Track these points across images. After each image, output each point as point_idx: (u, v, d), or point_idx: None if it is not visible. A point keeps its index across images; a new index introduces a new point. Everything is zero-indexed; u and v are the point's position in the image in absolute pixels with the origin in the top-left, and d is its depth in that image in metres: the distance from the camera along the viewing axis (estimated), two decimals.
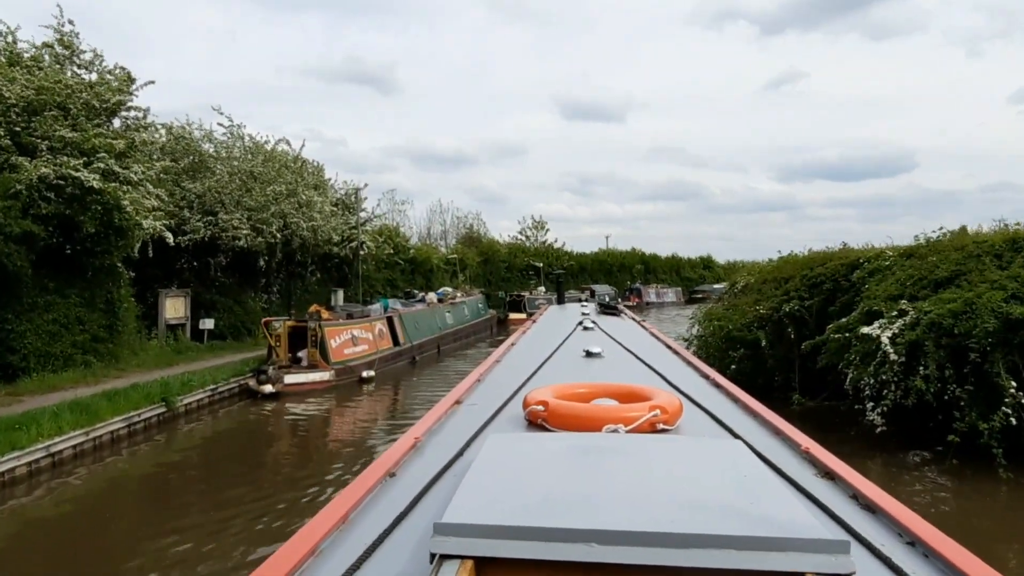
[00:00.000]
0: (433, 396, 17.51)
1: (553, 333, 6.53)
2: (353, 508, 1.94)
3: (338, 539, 1.77)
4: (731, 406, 3.40)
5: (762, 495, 1.64)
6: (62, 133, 14.57)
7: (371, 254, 32.31)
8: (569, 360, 4.82)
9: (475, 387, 4.01)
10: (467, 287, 39.13)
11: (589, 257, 61.41)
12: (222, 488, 10.34)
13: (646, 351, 5.14)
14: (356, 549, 1.67)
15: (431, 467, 2.26)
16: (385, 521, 1.83)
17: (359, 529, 1.83)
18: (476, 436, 2.63)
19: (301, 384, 16.96)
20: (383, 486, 2.16)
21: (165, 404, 13.72)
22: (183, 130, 23.84)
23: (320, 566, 1.64)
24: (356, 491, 2.04)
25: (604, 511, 1.52)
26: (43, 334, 15.49)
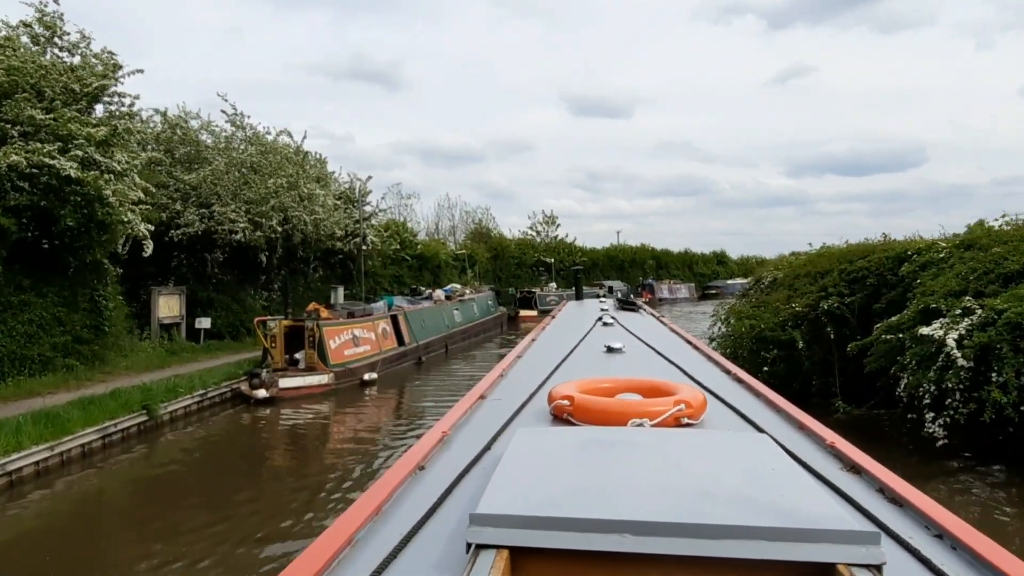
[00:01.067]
0: (440, 401, 16.33)
1: (573, 329, 6.53)
2: (385, 500, 2.00)
3: (372, 530, 1.83)
4: (754, 401, 3.41)
5: (790, 488, 1.66)
6: (33, 113, 13.40)
7: (376, 249, 31.15)
8: (590, 355, 4.85)
9: (498, 382, 4.03)
10: (476, 284, 37.94)
11: (600, 253, 60.12)
12: (205, 507, 9.19)
13: (667, 346, 5.19)
14: (391, 539, 1.72)
15: (459, 460, 2.31)
16: (418, 512, 1.88)
17: (392, 520, 1.88)
18: (503, 430, 2.66)
19: (297, 388, 15.80)
20: (413, 479, 2.21)
21: (146, 412, 12.58)
22: (179, 119, 22.69)
23: (356, 556, 1.68)
24: (387, 484, 2.10)
25: (635, 502, 1.56)
26: (18, 336, 14.38)
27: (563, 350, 4.89)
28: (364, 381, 17.41)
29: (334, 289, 20.41)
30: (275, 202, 22.20)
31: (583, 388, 2.88)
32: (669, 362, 4.36)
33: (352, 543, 1.73)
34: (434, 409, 15.57)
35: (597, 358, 4.75)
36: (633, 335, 5.89)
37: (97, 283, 16.98)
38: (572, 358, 4.66)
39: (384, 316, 20.40)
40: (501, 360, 5.00)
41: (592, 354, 4.92)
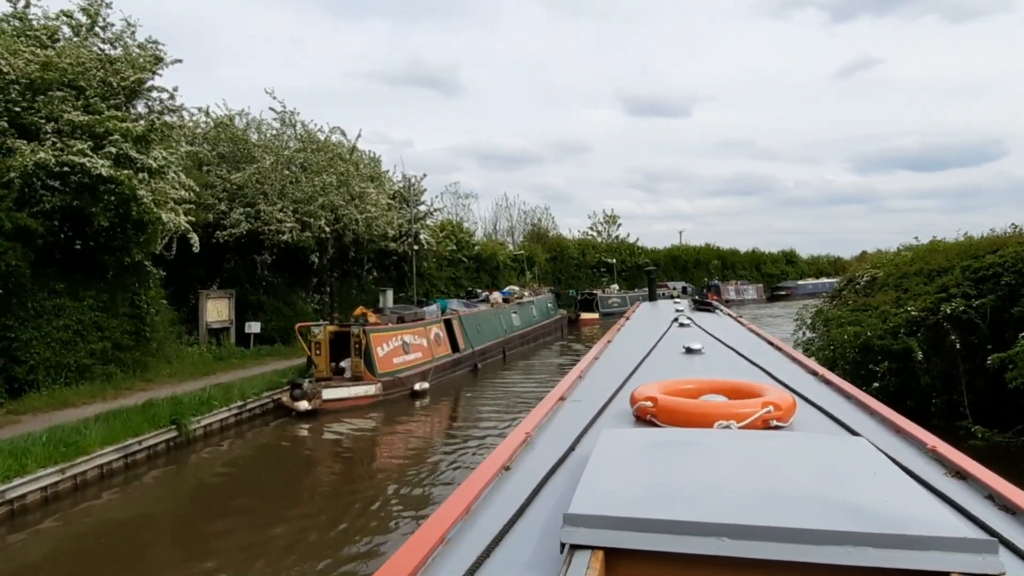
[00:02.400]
0: (499, 414, 14.90)
1: (648, 330, 6.55)
2: (474, 500, 2.02)
3: (463, 529, 1.85)
4: (845, 403, 3.32)
5: (894, 493, 1.61)
6: (70, 116, 12.56)
7: (431, 250, 30.01)
8: (669, 357, 4.81)
9: (577, 383, 4.06)
10: (535, 285, 36.43)
11: (663, 253, 57.84)
12: (233, 539, 8.00)
13: (748, 347, 5.11)
14: (483, 538, 1.74)
15: (544, 461, 2.34)
16: (506, 512, 1.90)
17: (482, 519, 1.91)
18: (586, 431, 2.68)
19: (342, 400, 14.61)
20: (499, 479, 2.24)
21: (176, 428, 11.54)
22: (224, 118, 21.96)
23: (449, 554, 1.71)
24: (475, 484, 2.13)
25: (732, 506, 1.52)
26: (53, 342, 13.61)
27: (640, 351, 4.87)
28: (415, 391, 16.12)
29: (383, 292, 19.23)
30: (323, 200, 21.20)
31: (666, 389, 2.85)
32: (751, 363, 4.27)
33: (445, 541, 1.77)
34: (492, 423, 14.17)
35: (676, 359, 4.70)
36: (712, 336, 5.77)
37: (138, 286, 16.21)
38: (650, 359, 4.65)
39: (437, 321, 19.10)
40: (578, 362, 4.98)
41: (671, 355, 4.86)
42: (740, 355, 4.65)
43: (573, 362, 21.03)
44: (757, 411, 2.47)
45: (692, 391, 2.91)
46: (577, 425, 2.76)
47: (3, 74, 12.46)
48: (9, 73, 12.52)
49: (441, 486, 10.44)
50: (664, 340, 5.63)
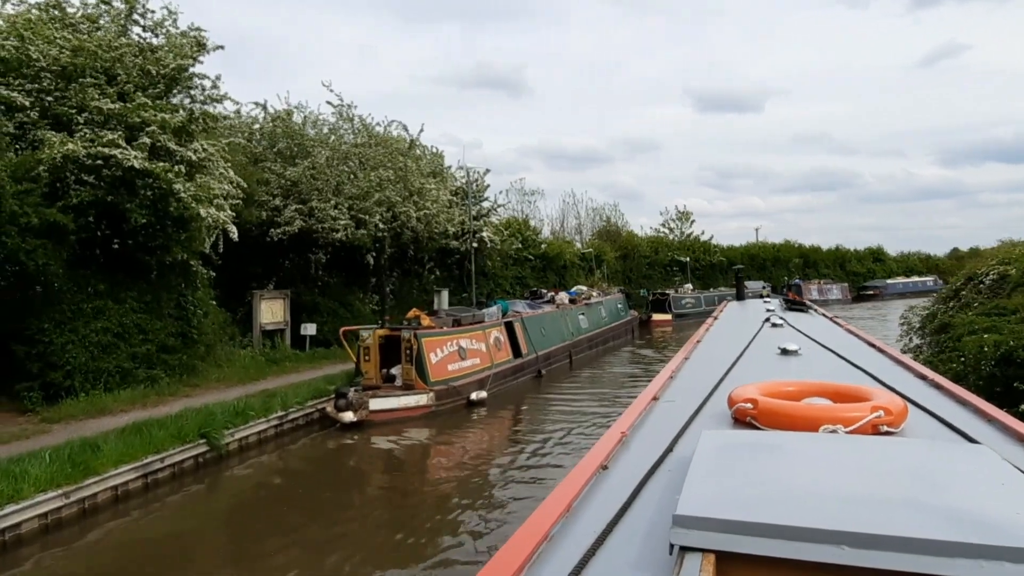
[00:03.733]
0: (566, 426, 13.39)
1: (738, 330, 6.40)
2: (575, 498, 2.05)
3: (566, 526, 1.88)
4: (960, 409, 3.17)
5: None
6: (99, 104, 11.77)
7: (496, 249, 28.73)
8: (763, 358, 4.72)
9: (669, 383, 4.02)
10: (604, 285, 34.66)
11: (739, 251, 54.89)
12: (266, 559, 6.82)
13: (848, 349, 4.97)
14: (586, 537, 1.76)
15: (641, 460, 2.35)
16: (607, 511, 1.91)
17: (583, 518, 1.93)
18: (683, 432, 2.67)
19: (390, 411, 13.38)
20: (598, 478, 2.27)
21: (206, 442, 10.53)
22: (280, 113, 21.20)
23: (553, 550, 1.74)
24: (575, 483, 2.16)
25: (853, 513, 1.48)
26: (91, 346, 12.90)
27: (732, 352, 4.81)
28: (471, 401, 14.77)
29: (437, 293, 17.96)
30: (379, 196, 20.15)
31: (766, 391, 2.78)
32: (854, 366, 4.12)
33: (548, 538, 1.80)
34: (558, 438, 12.70)
35: (771, 360, 4.59)
36: (807, 337, 5.65)
37: (185, 286, 15.45)
38: (744, 360, 4.57)
39: (497, 323, 17.72)
40: (669, 362, 4.94)
41: (765, 356, 4.78)
42: (840, 357, 4.50)
43: (645, 372, 19.18)
44: (866, 415, 2.40)
45: (793, 393, 2.83)
46: (673, 425, 2.77)
47: (33, 61, 11.76)
48: (39, 60, 11.82)
49: (499, 510, 9.13)
50: (757, 341, 5.50)
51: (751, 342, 5.40)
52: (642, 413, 3.15)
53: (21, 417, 12.16)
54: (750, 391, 2.78)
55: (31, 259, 11.11)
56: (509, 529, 8.16)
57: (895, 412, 2.50)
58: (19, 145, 12.02)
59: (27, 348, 12.26)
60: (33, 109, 11.83)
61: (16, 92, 11.75)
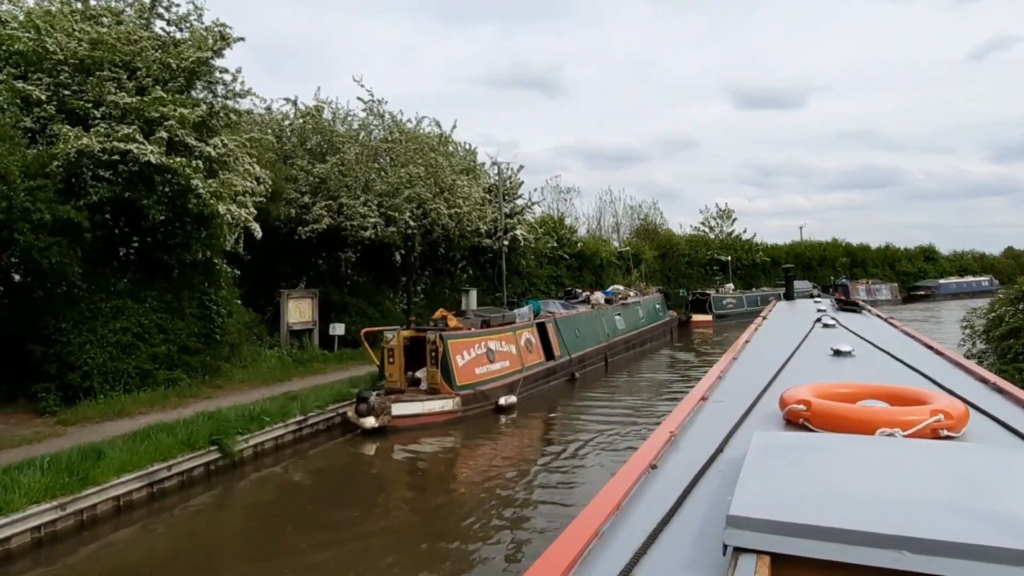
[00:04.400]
0: (599, 434, 12.64)
1: (788, 330, 6.31)
2: (624, 496, 2.06)
3: (616, 524, 1.89)
4: None
5: None
6: (114, 98, 11.42)
7: (530, 247, 28.03)
8: (815, 359, 4.66)
9: (718, 384, 3.99)
10: (642, 284, 33.68)
11: (782, 250, 53.17)
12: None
13: (904, 351, 4.82)
14: (636, 535, 1.76)
15: (691, 461, 2.33)
16: (658, 510, 1.91)
17: (633, 516, 1.94)
18: (733, 432, 2.66)
19: (414, 416, 12.78)
20: (647, 477, 2.26)
21: (219, 449, 10.05)
22: (310, 109, 20.80)
23: (604, 548, 1.74)
24: (624, 481, 2.17)
25: (914, 518, 1.46)
26: (110, 346, 12.59)
27: (782, 352, 4.73)
28: (499, 406, 14.10)
29: (465, 292, 17.30)
30: (409, 192, 19.62)
31: (819, 392, 2.75)
32: (910, 368, 4.00)
33: (599, 535, 1.80)
34: (593, 445, 11.98)
35: (823, 362, 4.51)
36: (861, 338, 5.50)
37: (208, 285, 15.11)
38: (795, 361, 4.50)
39: (528, 325, 17.01)
40: (717, 362, 4.89)
41: (817, 357, 4.70)
42: (896, 359, 4.40)
43: (682, 378, 18.25)
44: (925, 419, 2.33)
45: (848, 395, 2.76)
46: (722, 426, 2.75)
47: (50, 53, 11.45)
48: (57, 53, 11.51)
49: (530, 523, 8.52)
50: (808, 341, 5.43)
51: (802, 343, 5.28)
52: (690, 413, 3.14)
53: (38, 419, 11.90)
54: (803, 392, 2.73)
55: (44, 257, 10.80)
56: (541, 544, 7.71)
57: (956, 416, 2.44)
58: (38, 140, 11.75)
59: (44, 348, 12.00)
60: (50, 103, 11.54)
61: (33, 86, 11.47)
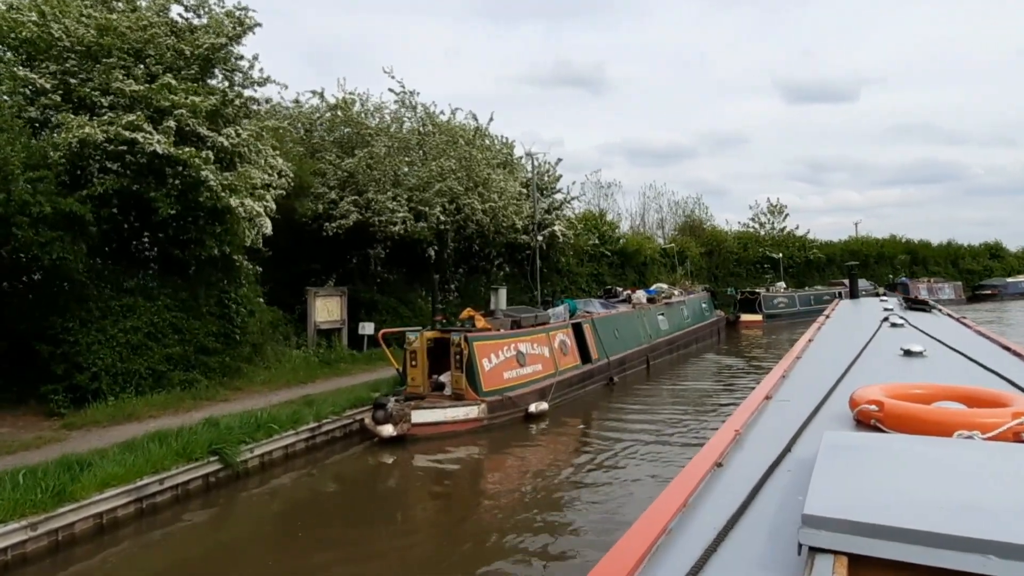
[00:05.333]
0: (640, 443, 11.59)
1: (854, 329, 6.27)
2: (691, 494, 2.06)
3: (683, 521, 1.88)
4: None
5: None
6: (120, 85, 10.81)
7: (569, 244, 26.96)
8: (883, 358, 4.54)
9: (782, 383, 3.94)
10: (687, 283, 32.26)
11: (837, 247, 50.77)
12: None
13: (979, 352, 4.64)
14: (705, 533, 1.76)
15: (758, 460, 2.31)
16: (725, 508, 1.91)
17: (700, 514, 1.93)
18: (801, 432, 2.64)
19: (435, 424, 11.88)
20: (713, 475, 2.26)
21: (220, 459, 9.31)
22: (340, 101, 20.12)
23: (672, 545, 1.74)
24: (690, 478, 2.18)
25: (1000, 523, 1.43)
26: (119, 346, 12.04)
27: (848, 351, 4.66)
28: (529, 414, 13.10)
29: (494, 291, 16.29)
30: (440, 186, 18.77)
31: (891, 393, 2.71)
32: (987, 370, 3.86)
33: (667, 532, 1.80)
34: (632, 457, 10.96)
35: (892, 362, 4.37)
36: (932, 338, 5.31)
37: (227, 283, 14.50)
38: (863, 360, 4.41)
39: (564, 325, 15.97)
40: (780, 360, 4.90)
41: (886, 357, 4.55)
42: (972, 360, 4.19)
43: (726, 388, 16.96)
44: (1006, 422, 2.23)
45: (922, 396, 2.71)
46: (789, 425, 2.74)
47: (56, 40, 10.89)
48: (62, 39, 10.94)
49: (561, 548, 7.61)
50: (876, 341, 5.36)
51: (869, 342, 5.19)
52: (755, 412, 3.13)
53: (45, 422, 11.41)
54: (874, 392, 2.69)
55: (45, 252, 10.24)
56: (576, 568, 6.99)
57: None
58: (43, 131, 11.24)
59: (52, 348, 11.49)
60: (56, 92, 10.99)
61: (38, 74, 10.94)
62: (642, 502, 9.85)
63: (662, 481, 9.81)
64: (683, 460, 10.80)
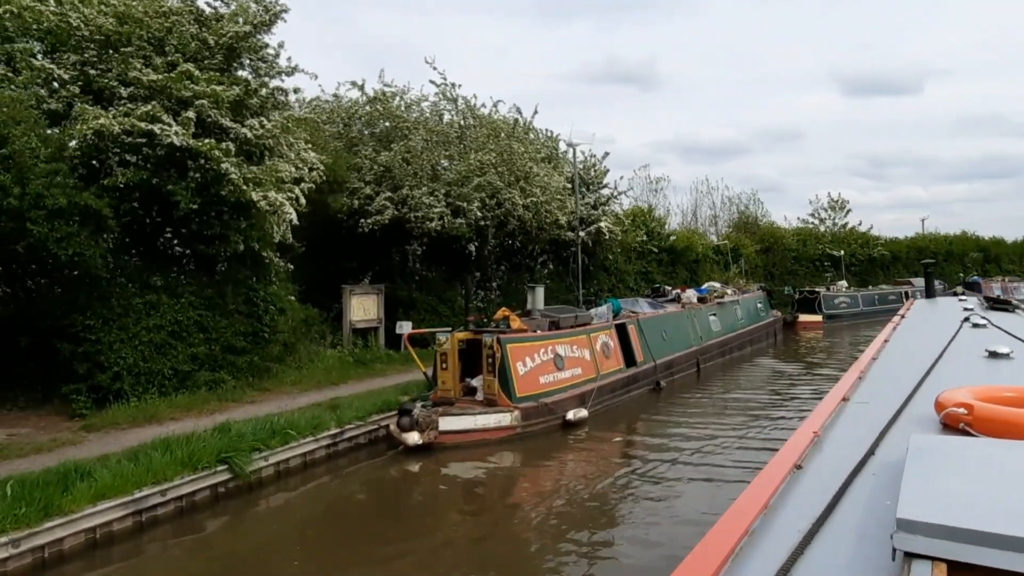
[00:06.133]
0: (687, 461, 10.65)
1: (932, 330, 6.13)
2: (772, 496, 2.04)
3: (765, 523, 1.86)
4: None
5: None
6: (137, 74, 10.39)
7: (615, 240, 25.91)
8: (967, 360, 4.45)
9: (859, 384, 3.87)
10: (742, 281, 30.79)
11: (903, 244, 48.18)
12: None
13: None
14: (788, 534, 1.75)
15: (839, 462, 2.29)
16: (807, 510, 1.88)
17: (782, 516, 1.91)
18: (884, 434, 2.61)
19: (465, 432, 11.13)
20: (793, 477, 2.24)
21: (229, 468, 8.75)
22: (379, 93, 19.56)
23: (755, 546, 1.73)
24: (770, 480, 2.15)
25: None
26: (142, 345, 11.67)
27: (928, 352, 4.55)
28: (567, 421, 12.25)
29: (531, 289, 15.39)
30: (479, 181, 18.03)
31: (980, 396, 2.62)
32: None
33: (749, 533, 1.79)
34: (680, 470, 10.07)
35: (977, 364, 4.28)
36: (1018, 339, 5.08)
37: (256, 281, 14.07)
38: (945, 362, 4.30)
39: (606, 326, 15.03)
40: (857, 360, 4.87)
41: (969, 359, 4.45)
42: None
43: (784, 398, 15.75)
44: None
45: (1014, 400, 2.63)
46: (870, 427, 2.68)
47: (74, 29, 10.54)
48: (81, 28, 10.58)
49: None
50: (957, 341, 5.15)
51: (950, 343, 5.08)
52: (832, 413, 3.06)
53: (66, 423, 11.10)
54: (962, 395, 2.60)
55: (62, 248, 9.87)
56: None
57: None
58: (62, 123, 10.92)
59: (73, 347, 11.18)
60: (74, 83, 10.65)
61: (57, 65, 10.61)
62: (691, 523, 8.97)
63: (712, 500, 8.88)
64: (736, 475, 9.87)
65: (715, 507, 8.52)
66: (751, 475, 2.50)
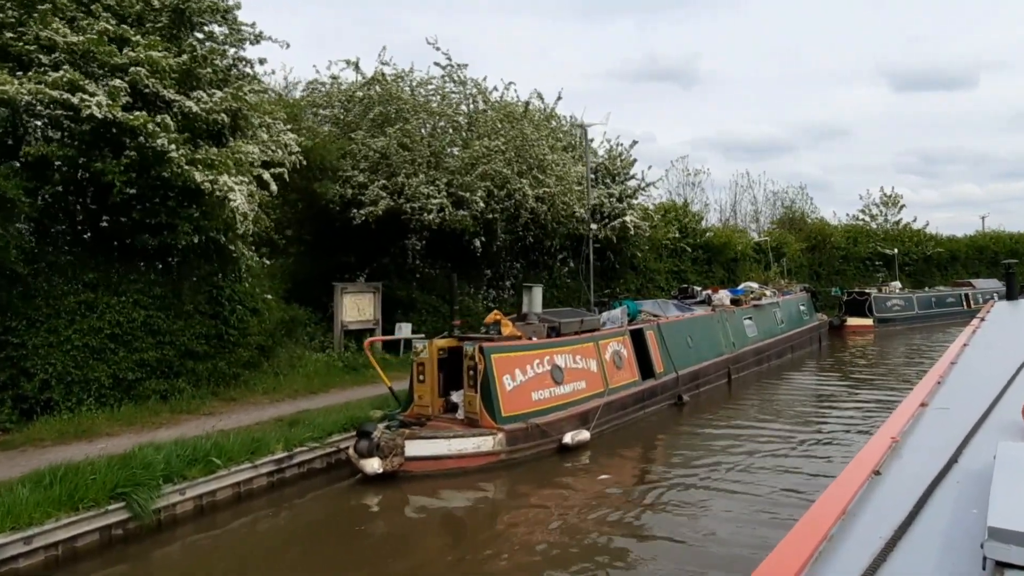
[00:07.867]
0: (712, 494, 8.75)
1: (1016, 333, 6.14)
2: (850, 501, 2.00)
3: (844, 529, 1.83)
4: None
5: None
6: (51, 34, 8.89)
7: (643, 236, 23.88)
8: None
9: (938, 389, 3.78)
10: (783, 281, 28.37)
11: (961, 243, 44.83)
12: None
13: None
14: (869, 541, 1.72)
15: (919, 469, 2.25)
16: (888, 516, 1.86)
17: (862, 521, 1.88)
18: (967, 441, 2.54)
19: (436, 460, 9.34)
20: (872, 483, 2.20)
21: (127, 508, 7.13)
22: (378, 74, 17.89)
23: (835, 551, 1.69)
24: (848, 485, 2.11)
25: None
26: (75, 350, 10.21)
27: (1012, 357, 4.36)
28: (564, 445, 10.38)
29: (527, 290, 13.49)
30: (484, 169, 16.26)
31: None
32: None
33: (828, 538, 1.75)
34: (704, 508, 8.23)
35: None
36: None
37: (222, 278, 12.55)
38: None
39: (619, 332, 13.08)
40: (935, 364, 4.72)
41: None
42: None
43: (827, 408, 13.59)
44: None
45: None
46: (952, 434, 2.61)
47: None
48: None
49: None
50: None
51: None
52: (911, 419, 3.00)
53: None
54: None
55: None
56: None
57: None
58: None
59: None
60: None
61: None
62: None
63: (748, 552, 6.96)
64: (774, 511, 8.00)
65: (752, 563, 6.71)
66: None
